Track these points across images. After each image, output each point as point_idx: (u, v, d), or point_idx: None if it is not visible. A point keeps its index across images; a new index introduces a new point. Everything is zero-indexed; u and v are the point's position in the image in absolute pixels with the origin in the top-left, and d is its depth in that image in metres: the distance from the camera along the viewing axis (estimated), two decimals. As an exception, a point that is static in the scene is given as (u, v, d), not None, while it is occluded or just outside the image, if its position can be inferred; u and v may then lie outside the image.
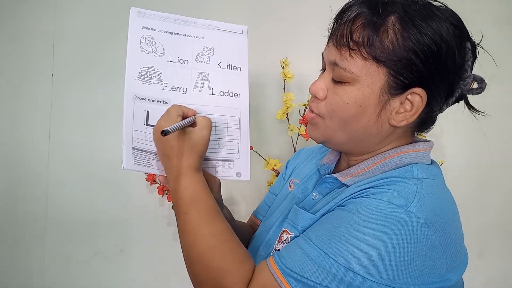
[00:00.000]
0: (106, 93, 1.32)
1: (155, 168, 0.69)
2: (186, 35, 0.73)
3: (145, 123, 0.68)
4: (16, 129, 1.33)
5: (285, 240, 0.64)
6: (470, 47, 0.60)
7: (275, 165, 1.21)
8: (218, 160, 0.73)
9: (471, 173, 1.41)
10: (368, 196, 0.56)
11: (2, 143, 1.33)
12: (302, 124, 1.22)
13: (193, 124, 0.66)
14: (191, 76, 0.72)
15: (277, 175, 1.23)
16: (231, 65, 0.75)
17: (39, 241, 1.34)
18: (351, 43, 0.58)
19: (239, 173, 0.73)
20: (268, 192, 0.89)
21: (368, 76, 0.58)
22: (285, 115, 1.23)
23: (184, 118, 0.66)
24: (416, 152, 0.63)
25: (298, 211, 0.65)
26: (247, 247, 0.77)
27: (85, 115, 1.33)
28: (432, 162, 0.66)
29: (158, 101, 0.70)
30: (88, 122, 1.33)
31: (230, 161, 0.73)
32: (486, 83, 0.61)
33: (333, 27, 0.62)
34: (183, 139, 0.64)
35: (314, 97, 0.64)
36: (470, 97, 0.65)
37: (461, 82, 0.60)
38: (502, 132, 1.40)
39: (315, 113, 0.64)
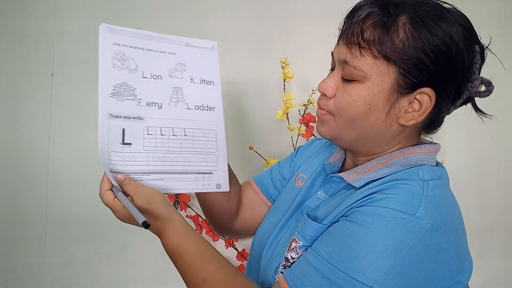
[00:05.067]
0: (106, 93, 1.32)
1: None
2: (158, 51, 0.72)
3: (121, 142, 0.67)
4: (16, 129, 1.33)
5: (293, 249, 0.64)
6: (478, 49, 0.61)
7: (275, 165, 1.21)
8: (198, 173, 0.73)
9: (471, 173, 1.41)
10: (373, 204, 0.56)
11: (2, 143, 1.32)
12: (302, 124, 1.22)
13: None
14: (165, 91, 0.72)
15: (277, 175, 1.23)
16: (204, 80, 0.76)
17: (39, 241, 1.34)
18: (361, 42, 0.58)
19: (219, 184, 0.74)
20: (277, 166, 0.86)
21: (378, 75, 0.58)
22: (285, 115, 1.23)
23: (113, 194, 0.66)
24: (422, 154, 0.63)
25: (306, 221, 0.64)
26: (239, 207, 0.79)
27: (85, 115, 1.32)
28: (438, 164, 0.66)
29: (133, 118, 0.69)
30: (88, 122, 1.32)
31: (210, 173, 0.74)
32: (493, 86, 0.62)
33: (343, 26, 0.62)
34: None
35: (323, 95, 0.64)
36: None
37: (469, 84, 0.61)
38: (503, 132, 1.40)
39: (325, 110, 0.64)
